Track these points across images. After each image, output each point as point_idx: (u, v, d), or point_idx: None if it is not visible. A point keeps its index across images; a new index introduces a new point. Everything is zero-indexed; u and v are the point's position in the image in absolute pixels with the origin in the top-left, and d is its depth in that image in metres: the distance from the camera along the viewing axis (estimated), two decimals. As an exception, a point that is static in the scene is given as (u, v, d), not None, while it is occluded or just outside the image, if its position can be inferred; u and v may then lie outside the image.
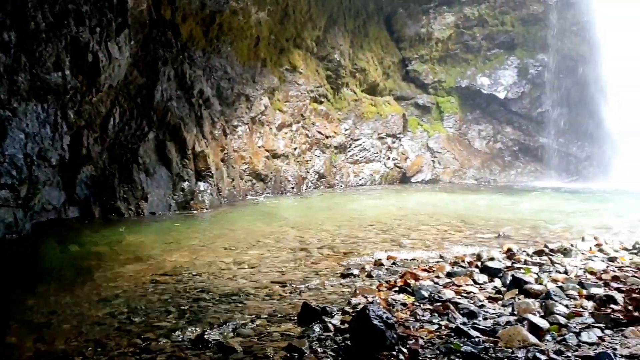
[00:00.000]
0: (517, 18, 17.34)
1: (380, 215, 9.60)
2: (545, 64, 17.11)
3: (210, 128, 11.13)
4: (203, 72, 11.18)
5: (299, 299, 4.50)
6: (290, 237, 7.40)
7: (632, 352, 2.95)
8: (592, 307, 3.76)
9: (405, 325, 3.66)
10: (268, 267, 5.73)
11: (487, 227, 8.11)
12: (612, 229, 7.77)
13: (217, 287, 4.95)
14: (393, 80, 17.43)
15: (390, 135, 16.36)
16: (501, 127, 17.82)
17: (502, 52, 17.58)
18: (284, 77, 13.80)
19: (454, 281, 4.69)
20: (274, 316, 4.12)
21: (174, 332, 3.76)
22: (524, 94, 17.34)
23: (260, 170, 12.35)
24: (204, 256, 6.26)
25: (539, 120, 17.36)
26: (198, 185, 10.51)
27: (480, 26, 17.51)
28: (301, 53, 14.34)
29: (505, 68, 17.45)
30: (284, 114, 13.57)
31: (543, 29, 16.96)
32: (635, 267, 4.79)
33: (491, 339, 3.30)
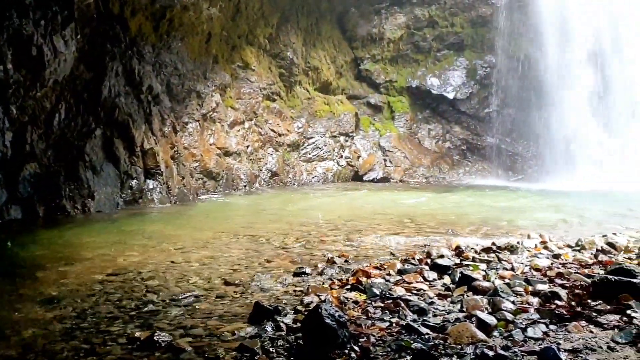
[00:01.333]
0: (467, 20, 17.73)
1: (333, 213, 9.64)
2: (493, 65, 17.57)
3: (159, 125, 10.91)
4: (152, 67, 10.93)
5: (251, 298, 4.47)
6: (242, 236, 7.32)
7: (574, 347, 3.06)
8: (538, 303, 3.88)
9: (357, 323, 3.69)
10: (219, 266, 5.65)
11: (437, 225, 8.26)
12: (557, 227, 8.04)
13: (167, 288, 4.85)
14: (346, 79, 17.53)
15: (343, 133, 16.45)
16: (450, 126, 18.19)
17: (452, 53, 17.94)
18: (236, 74, 13.67)
19: (404, 278, 4.75)
20: (226, 316, 4.07)
21: (122, 334, 3.66)
22: (472, 94, 17.75)
23: (212, 168, 12.19)
24: (153, 256, 6.13)
25: (487, 120, 17.80)
26: (147, 183, 10.28)
27: (431, 27, 17.82)
28: (254, 50, 14.23)
29: (454, 69, 17.82)
30: (236, 111, 13.44)
31: (491, 30, 17.39)
32: (578, 264, 4.98)
33: (441, 336, 3.36)
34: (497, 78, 17.51)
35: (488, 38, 17.47)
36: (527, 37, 16.93)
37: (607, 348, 3.01)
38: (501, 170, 17.50)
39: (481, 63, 17.68)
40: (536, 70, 16.74)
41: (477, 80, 17.72)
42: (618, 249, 5.55)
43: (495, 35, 17.28)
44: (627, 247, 5.70)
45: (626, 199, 11.24)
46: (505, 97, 17.55)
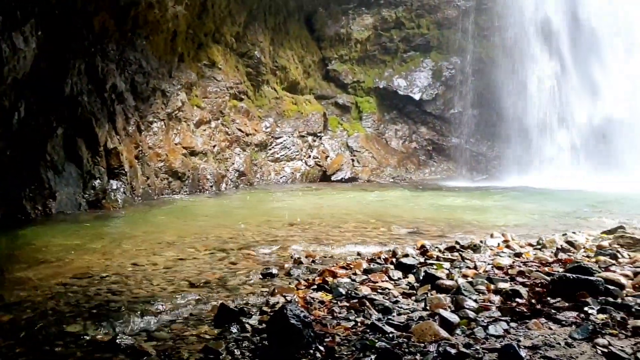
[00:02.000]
0: (433, 21, 17.96)
1: (300, 213, 9.63)
2: (458, 66, 17.86)
3: (123, 124, 10.72)
4: (116, 65, 10.74)
5: (217, 300, 4.43)
6: (208, 237, 7.25)
7: (534, 343, 3.13)
8: (499, 301, 3.95)
9: (322, 323, 3.70)
10: (184, 268, 5.59)
11: (402, 224, 8.34)
12: (519, 226, 8.20)
13: (130, 290, 4.78)
14: (314, 79, 17.55)
15: (311, 133, 16.47)
16: (416, 127, 18.41)
17: (418, 55, 18.15)
18: (203, 73, 13.54)
19: (370, 278, 4.78)
20: (190, 318, 4.03)
21: (84, 338, 3.59)
22: (437, 95, 18.00)
23: (177, 168, 12.04)
24: (117, 257, 6.02)
25: (452, 121, 18.08)
26: (110, 183, 10.10)
27: (398, 28, 17.99)
28: (220, 49, 14.12)
29: (420, 70, 18.03)
30: (203, 110, 13.31)
31: (457, 32, 17.67)
32: (539, 262, 5.08)
33: (405, 334, 3.39)
34: (462, 79, 17.80)
35: (453, 40, 17.74)
36: (491, 39, 17.26)
37: (565, 344, 3.08)
38: (466, 170, 17.79)
39: (447, 64, 17.95)
40: (500, 72, 17.07)
41: (442, 81, 17.97)
42: (577, 248, 5.68)
43: (461, 37, 17.55)
44: (586, 246, 5.84)
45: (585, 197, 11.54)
46: (470, 98, 17.85)
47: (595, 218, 8.78)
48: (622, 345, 2.98)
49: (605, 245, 5.60)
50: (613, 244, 5.58)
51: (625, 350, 2.92)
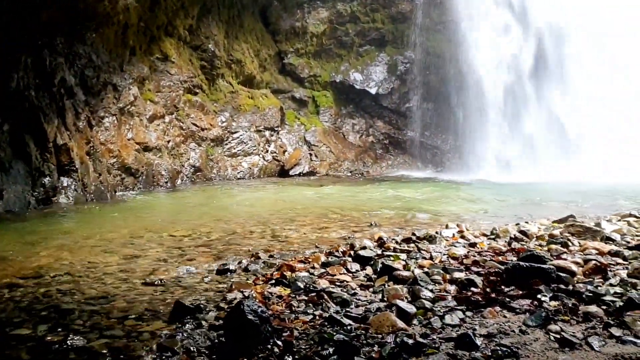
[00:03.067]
0: (387, 16, 18.07)
1: (258, 208, 9.56)
2: (412, 61, 18.03)
3: (73, 119, 10.37)
4: (65, 59, 10.37)
5: (172, 297, 4.34)
6: (163, 234, 7.11)
7: (489, 331, 3.18)
8: (455, 290, 3.99)
9: (280, 318, 3.66)
10: (139, 265, 5.46)
11: (360, 217, 8.38)
12: (473, 217, 8.36)
13: (82, 289, 4.63)
14: (270, 73, 17.42)
15: (269, 128, 16.36)
16: (373, 121, 18.53)
17: (373, 49, 18.25)
18: (155, 67, 13.24)
19: (328, 271, 4.77)
20: (145, 316, 3.93)
21: (32, 338, 3.46)
22: (393, 89, 18.15)
23: (130, 164, 11.74)
24: (68, 256, 5.83)
25: (407, 114, 18.27)
26: (61, 180, 9.77)
27: (353, 22, 18.04)
28: (173, 42, 13.83)
29: (376, 64, 18.14)
30: (156, 104, 13.03)
31: (411, 27, 17.82)
32: (493, 252, 5.17)
33: (362, 326, 3.39)
34: (416, 74, 17.99)
35: (407, 34, 17.90)
36: (444, 33, 17.48)
37: (519, 332, 3.14)
38: (422, 163, 18.03)
39: (401, 59, 18.10)
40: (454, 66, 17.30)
41: (397, 75, 18.13)
42: (530, 237, 5.82)
43: (415, 32, 17.72)
44: (538, 235, 5.99)
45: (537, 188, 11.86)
46: (425, 93, 18.08)
47: (547, 208, 9.03)
48: (573, 331, 3.06)
49: (557, 234, 5.75)
50: (564, 233, 5.73)
51: (576, 335, 2.99)
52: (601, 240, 5.31)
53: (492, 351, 2.91)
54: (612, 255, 4.66)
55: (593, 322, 3.15)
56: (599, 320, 3.17)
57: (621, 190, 10.83)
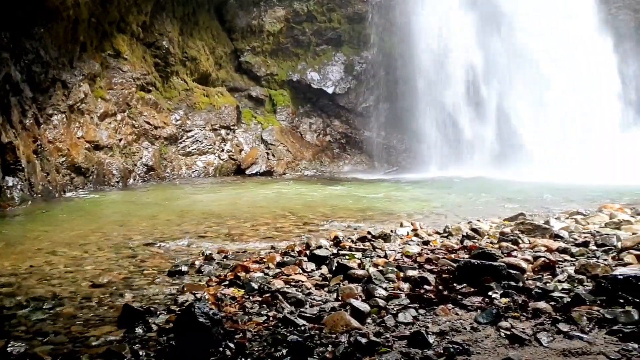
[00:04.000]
0: (343, 16, 18.13)
1: (213, 208, 9.41)
2: (369, 61, 18.15)
3: (19, 117, 9.97)
4: (11, 55, 9.95)
5: (122, 300, 4.20)
6: (114, 236, 6.90)
7: (441, 329, 3.20)
8: (408, 288, 4.01)
9: (233, 320, 3.60)
10: (87, 268, 5.27)
11: (317, 216, 8.36)
12: (428, 215, 8.45)
13: (26, 292, 4.44)
14: (226, 71, 17.22)
15: (224, 126, 16.16)
16: (330, 120, 18.57)
17: (330, 48, 18.28)
18: (107, 63, 12.88)
19: (283, 271, 4.72)
20: (92, 320, 3.80)
21: (-32, 349, 3.28)
22: (350, 89, 18.23)
23: (80, 163, 11.38)
24: (12, 258, 5.59)
25: (364, 114, 18.39)
26: (6, 180, 9.38)
27: (309, 22, 18.02)
28: (126, 38, 13.49)
29: (333, 64, 18.18)
30: (108, 102, 12.67)
31: (367, 27, 17.94)
32: (446, 249, 5.23)
33: (317, 326, 3.36)
34: (373, 74, 18.12)
35: (364, 34, 18.01)
36: (399, 34, 17.65)
37: (470, 329, 3.17)
38: (378, 162, 18.18)
39: (358, 59, 18.20)
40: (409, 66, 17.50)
41: (354, 75, 18.22)
42: (482, 234, 5.91)
43: (370, 32, 17.84)
44: (490, 232, 6.10)
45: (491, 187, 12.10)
46: (381, 93, 18.24)
47: (499, 206, 9.22)
48: (523, 327, 3.11)
49: (508, 231, 5.86)
50: (514, 230, 5.86)
51: (526, 331, 3.04)
52: (550, 237, 5.45)
53: (444, 349, 2.93)
54: (561, 252, 4.78)
55: (542, 318, 3.21)
56: (547, 316, 3.23)
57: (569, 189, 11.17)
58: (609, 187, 11.11)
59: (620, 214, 6.73)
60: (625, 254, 4.38)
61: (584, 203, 8.75)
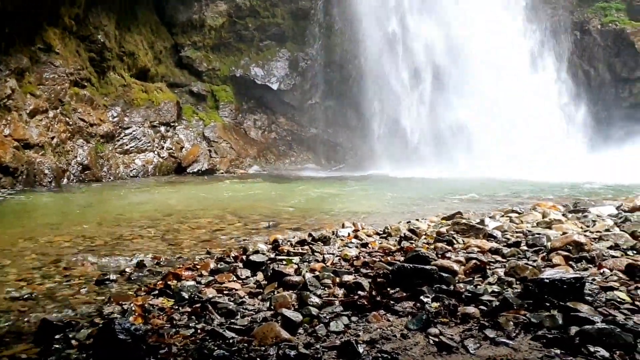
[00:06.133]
0: (287, 12, 18.00)
1: (150, 209, 9.13)
2: (314, 58, 18.09)
3: (-61, 114, 9.37)
4: None
5: (42, 313, 3.96)
6: (39, 241, 6.55)
7: (372, 337, 3.14)
8: (343, 294, 3.95)
9: (159, 333, 3.44)
10: (6, 277, 4.97)
11: (260, 218, 8.22)
12: (372, 214, 8.47)
13: None
14: (166, 66, 16.78)
15: (164, 123, 15.75)
16: (275, 117, 18.43)
17: (274, 44, 18.12)
18: (37, 58, 12.28)
19: (217, 279, 4.58)
20: (7, 338, 3.56)
21: None
22: (295, 86, 18.13)
23: (8, 162, 10.79)
24: None
25: (310, 111, 18.35)
26: None
27: (253, 17, 17.79)
28: (58, 32, 12.89)
29: (277, 60, 18.03)
30: (38, 98, 12.08)
31: (311, 24, 17.87)
32: (383, 252, 5.20)
33: (246, 339, 3.25)
34: (318, 71, 18.09)
35: (309, 31, 17.93)
36: (345, 32, 17.69)
37: (400, 336, 3.13)
38: (324, 159, 18.19)
39: (303, 55, 18.12)
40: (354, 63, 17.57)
41: (299, 72, 18.13)
42: (419, 235, 5.92)
43: (315, 29, 17.78)
44: (427, 232, 6.12)
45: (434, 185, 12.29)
46: (327, 90, 18.23)
47: (440, 204, 9.34)
48: (451, 334, 3.10)
49: (444, 231, 5.89)
50: (450, 230, 5.89)
51: (454, 338, 3.03)
52: (484, 237, 5.51)
53: (373, 358, 2.88)
54: (493, 252, 4.82)
55: (470, 324, 3.21)
56: (475, 321, 3.23)
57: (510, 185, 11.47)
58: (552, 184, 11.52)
59: (552, 212, 6.91)
60: (554, 255, 4.46)
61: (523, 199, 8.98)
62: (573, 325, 3.00)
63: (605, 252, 4.60)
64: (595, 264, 4.27)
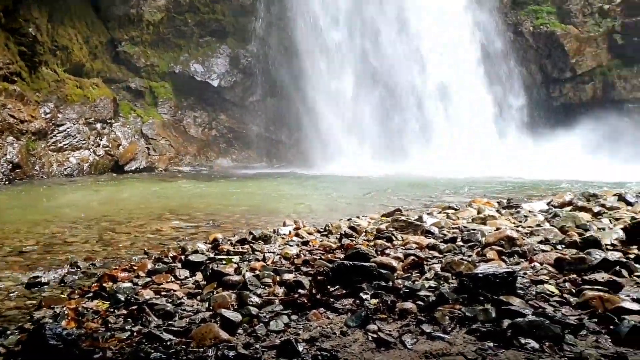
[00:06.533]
0: (228, 8, 17.79)
1: (85, 209, 8.83)
2: (255, 54, 17.96)
3: None
4: None
5: (-34, 320, 3.77)
6: (-35, 243, 6.22)
7: (312, 335, 3.16)
8: (283, 293, 3.95)
9: (94, 337, 3.33)
10: None
11: (200, 217, 8.11)
12: (313, 211, 8.49)
13: None
14: (102, 62, 16.24)
15: (100, 120, 15.24)
16: (216, 114, 18.19)
17: (215, 40, 17.87)
18: (-39, 50, 11.62)
19: (154, 280, 4.48)
20: None
21: None
22: (236, 82, 17.95)
23: None
24: None
25: (251, 108, 18.21)
26: None
27: (192, 12, 17.48)
28: (-16, 23, 12.25)
29: (217, 56, 17.79)
30: (-37, 94, 11.44)
31: (252, 20, 17.72)
32: (323, 249, 5.23)
33: (184, 340, 3.20)
34: (259, 68, 17.97)
35: (249, 27, 17.79)
36: (285, 29, 17.64)
37: (340, 333, 3.16)
38: (266, 157, 18.10)
39: (244, 52, 17.96)
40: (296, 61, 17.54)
41: (240, 69, 17.96)
42: (359, 232, 5.98)
43: (256, 25, 17.65)
44: (368, 229, 6.20)
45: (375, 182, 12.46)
46: (268, 87, 18.13)
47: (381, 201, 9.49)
48: (390, 330, 3.15)
49: (383, 228, 5.99)
50: (389, 227, 5.99)
51: (392, 334, 3.08)
52: (422, 234, 5.62)
53: (313, 356, 2.89)
54: (430, 248, 4.94)
55: (408, 319, 3.27)
56: (413, 316, 3.30)
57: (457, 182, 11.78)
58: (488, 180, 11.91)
59: (487, 208, 7.14)
60: (488, 250, 4.61)
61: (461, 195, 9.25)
62: (505, 319, 3.11)
63: (536, 246, 4.79)
64: (527, 258, 4.44)
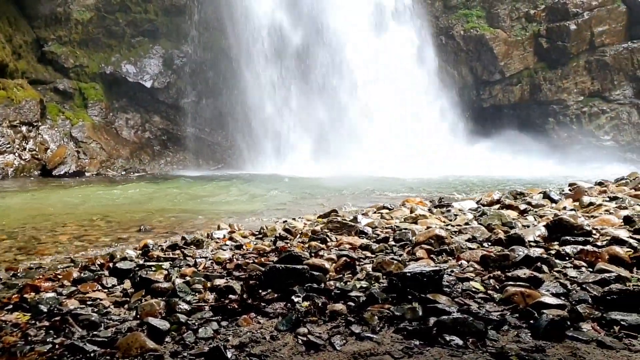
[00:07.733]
0: (160, 8, 17.42)
1: (7, 216, 8.39)
2: (189, 55, 17.67)
3: None
4: None
5: None
6: None
7: (241, 341, 3.12)
8: (214, 299, 3.88)
9: (11, 352, 3.17)
10: None
11: (131, 222, 7.89)
12: (247, 214, 8.43)
13: None
14: (27, 62, 15.53)
15: (26, 123, 14.56)
16: (149, 116, 17.77)
17: (147, 41, 17.46)
18: None
19: (80, 289, 4.31)
20: None
21: None
22: (170, 83, 17.60)
23: None
24: None
25: (186, 110, 17.91)
26: None
27: (123, 12, 17.00)
28: None
29: (150, 57, 17.39)
30: None
31: (186, 21, 17.43)
32: (257, 253, 5.18)
33: (110, 351, 3.09)
34: (193, 68, 17.71)
35: (183, 28, 17.49)
36: (221, 30, 17.45)
37: (270, 338, 3.14)
38: (202, 159, 17.84)
39: (177, 52, 17.64)
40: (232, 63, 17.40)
41: (174, 69, 17.62)
42: (294, 234, 5.98)
43: (190, 26, 17.38)
44: (303, 231, 6.20)
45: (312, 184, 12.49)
46: (203, 88, 17.89)
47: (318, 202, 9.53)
48: (320, 332, 3.15)
49: (318, 229, 6.01)
50: (324, 229, 6.03)
51: (322, 336, 3.09)
52: (355, 234, 5.69)
53: (242, 362, 2.87)
54: (363, 249, 4.99)
55: (338, 321, 3.29)
56: (343, 318, 3.32)
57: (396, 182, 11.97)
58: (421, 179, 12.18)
59: (419, 207, 7.31)
60: (418, 249, 4.71)
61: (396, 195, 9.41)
62: (432, 316, 3.17)
63: (464, 244, 4.93)
64: (454, 256, 4.56)
